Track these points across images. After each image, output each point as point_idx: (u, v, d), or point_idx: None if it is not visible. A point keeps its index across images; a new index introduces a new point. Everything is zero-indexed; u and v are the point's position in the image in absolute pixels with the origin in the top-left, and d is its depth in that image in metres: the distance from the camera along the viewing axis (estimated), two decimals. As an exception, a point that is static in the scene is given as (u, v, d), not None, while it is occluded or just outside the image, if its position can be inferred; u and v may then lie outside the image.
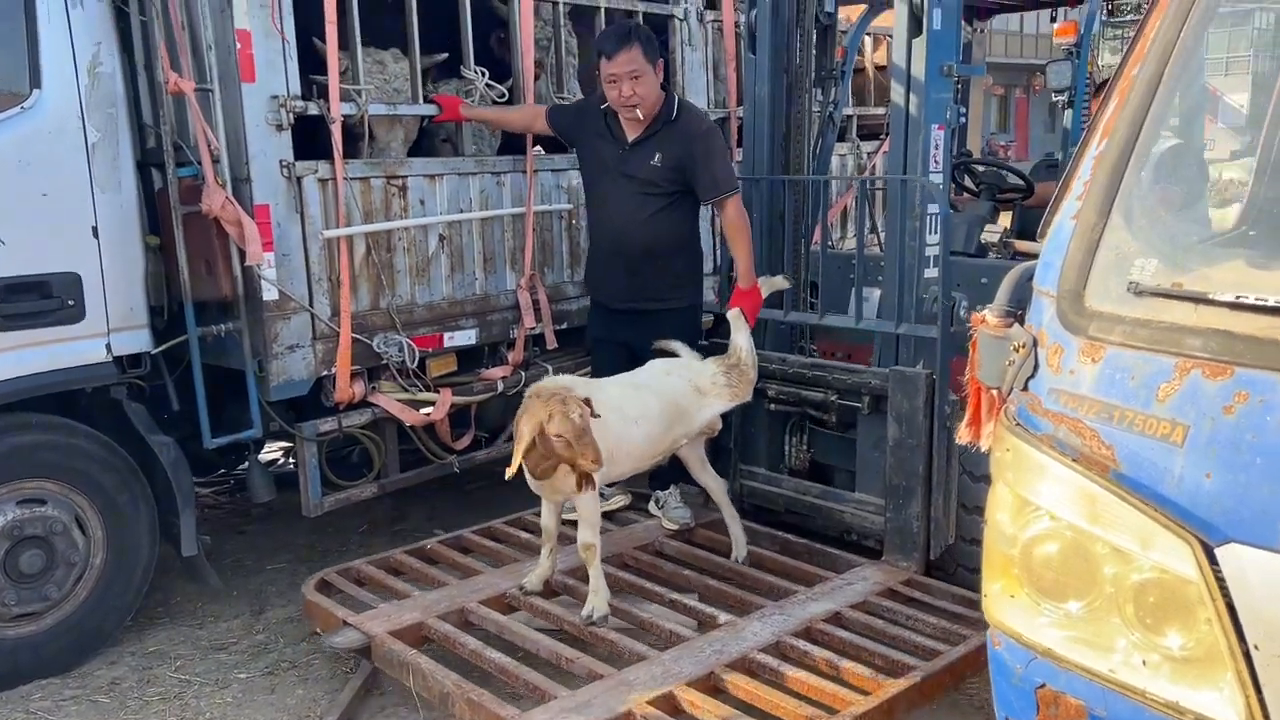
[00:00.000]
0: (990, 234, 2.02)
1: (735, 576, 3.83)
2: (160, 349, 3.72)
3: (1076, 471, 1.53)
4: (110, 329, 3.59)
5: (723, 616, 3.43)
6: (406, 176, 4.15)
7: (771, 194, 4.35)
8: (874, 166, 6.40)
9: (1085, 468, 1.52)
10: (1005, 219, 5.17)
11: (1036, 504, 1.61)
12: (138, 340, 3.68)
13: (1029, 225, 4.72)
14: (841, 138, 5.77)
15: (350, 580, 3.85)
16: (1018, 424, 1.66)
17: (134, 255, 3.66)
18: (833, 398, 4.04)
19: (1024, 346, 1.66)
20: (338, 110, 3.84)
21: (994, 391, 1.73)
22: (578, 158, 4.32)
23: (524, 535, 4.13)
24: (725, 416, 3.99)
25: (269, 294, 3.74)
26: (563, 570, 3.73)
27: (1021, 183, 4.80)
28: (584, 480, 3.31)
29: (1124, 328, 1.51)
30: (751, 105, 4.44)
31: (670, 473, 4.20)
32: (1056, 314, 1.60)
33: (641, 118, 3.95)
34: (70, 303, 3.47)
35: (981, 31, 4.48)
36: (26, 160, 3.34)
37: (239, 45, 3.58)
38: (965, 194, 5.06)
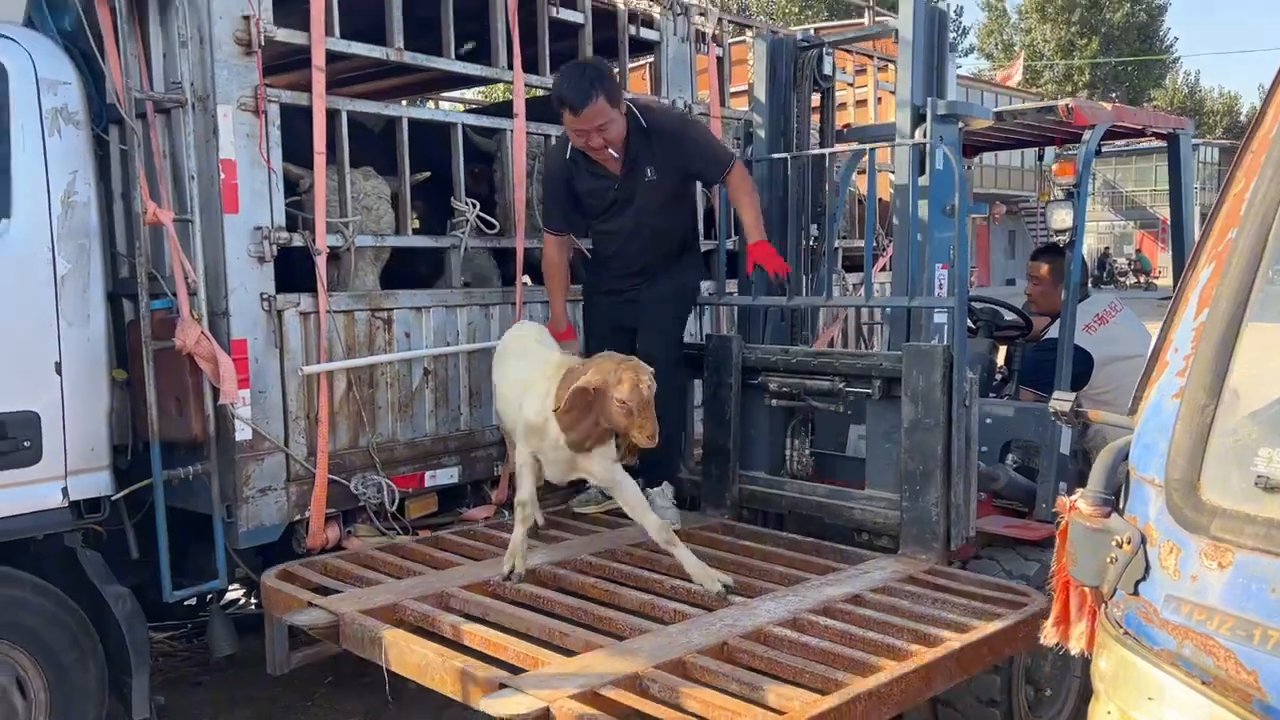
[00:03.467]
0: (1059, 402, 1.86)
1: (740, 569, 3.50)
2: (122, 494, 3.45)
3: (1209, 698, 1.32)
4: (68, 471, 3.33)
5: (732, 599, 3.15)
6: (392, 309, 3.98)
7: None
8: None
9: (1221, 694, 1.31)
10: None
11: (1154, 731, 1.40)
12: (97, 483, 3.42)
13: (1029, 364, 4.62)
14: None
15: (316, 571, 3.50)
16: (1126, 633, 1.46)
17: (99, 392, 3.43)
18: (840, 385, 3.80)
19: (1129, 543, 1.47)
20: (324, 242, 3.68)
21: (1088, 589, 1.54)
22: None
23: (507, 536, 3.75)
24: (723, 420, 4.01)
25: (242, 434, 3.51)
26: (552, 562, 3.46)
27: (1020, 320, 4.72)
28: (614, 453, 3.24)
29: (1256, 529, 1.32)
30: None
31: (661, 468, 3.99)
32: (1167, 507, 1.42)
33: (615, 155, 3.91)
34: (26, 444, 3.21)
35: (970, 168, 4.46)
36: (-11, 293, 3.13)
37: (223, 175, 3.43)
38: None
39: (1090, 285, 5.01)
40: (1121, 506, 1.55)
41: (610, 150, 3.87)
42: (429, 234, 4.28)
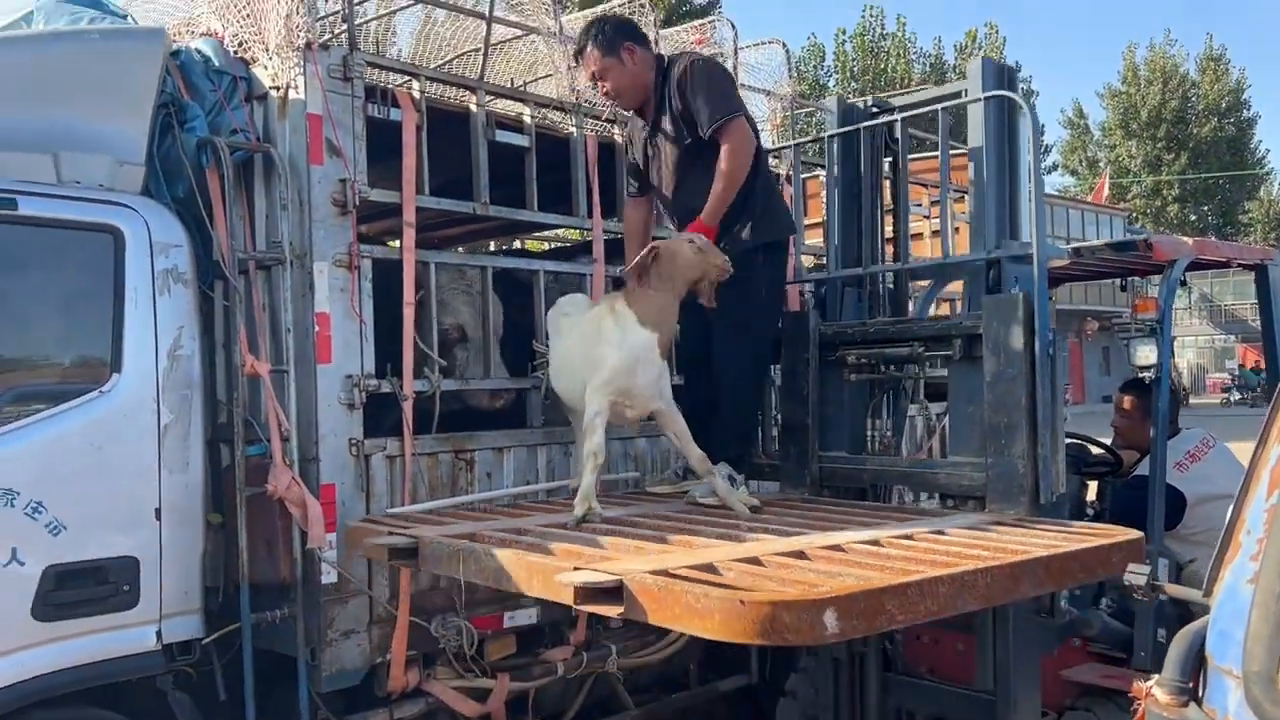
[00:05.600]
0: (1134, 575, 1.84)
1: (821, 523, 3.38)
2: (213, 637, 3.54)
3: None
4: (163, 615, 3.43)
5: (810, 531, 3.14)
6: (474, 450, 4.08)
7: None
8: (944, 427, 6.27)
9: None
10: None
11: None
12: (189, 626, 3.51)
13: (1119, 502, 4.48)
14: (911, 398, 5.68)
15: (399, 520, 3.55)
16: (1211, 831, 1.40)
17: (194, 536, 3.55)
18: (920, 349, 3.76)
19: (1208, 737, 1.42)
20: (410, 388, 3.81)
21: (1170, 781, 1.49)
22: None
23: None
24: (801, 397, 4.01)
25: (328, 577, 3.59)
26: (629, 514, 3.48)
27: (1108, 455, 4.61)
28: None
29: (1339, 729, 1.28)
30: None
31: (727, 447, 3.93)
32: (1247, 701, 1.38)
33: (626, 108, 4.03)
34: (125, 588, 3.34)
35: (1051, 299, 4.44)
36: (98, 443, 3.31)
37: (318, 328, 3.61)
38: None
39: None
40: (1201, 694, 1.50)
41: (619, 102, 4.01)
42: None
